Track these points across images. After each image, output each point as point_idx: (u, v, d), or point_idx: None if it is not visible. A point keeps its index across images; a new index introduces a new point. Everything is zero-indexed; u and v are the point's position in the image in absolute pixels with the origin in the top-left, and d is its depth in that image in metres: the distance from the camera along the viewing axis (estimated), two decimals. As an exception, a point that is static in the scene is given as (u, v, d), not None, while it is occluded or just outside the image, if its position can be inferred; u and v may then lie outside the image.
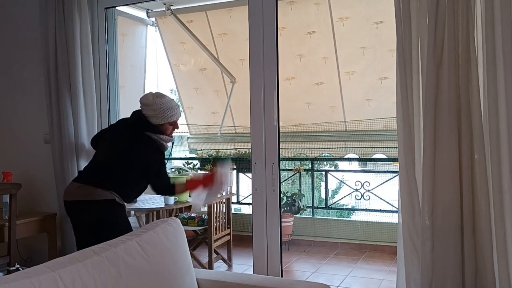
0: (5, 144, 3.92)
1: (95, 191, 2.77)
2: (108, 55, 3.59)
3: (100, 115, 3.57)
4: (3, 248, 3.15)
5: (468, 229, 2.36)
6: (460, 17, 2.35)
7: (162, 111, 2.85)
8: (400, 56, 2.47)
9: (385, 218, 5.83)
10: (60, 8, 3.39)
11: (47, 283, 1.55)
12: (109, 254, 1.81)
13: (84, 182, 2.83)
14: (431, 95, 2.37)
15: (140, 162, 2.82)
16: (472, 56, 2.34)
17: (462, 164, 2.36)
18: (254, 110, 3.04)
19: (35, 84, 3.71)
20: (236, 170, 6.39)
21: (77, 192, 2.81)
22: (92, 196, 2.76)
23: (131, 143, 2.85)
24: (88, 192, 2.77)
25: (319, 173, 7.00)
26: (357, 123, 5.74)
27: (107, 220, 2.76)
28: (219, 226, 4.73)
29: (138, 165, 2.82)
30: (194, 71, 6.50)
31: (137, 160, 2.82)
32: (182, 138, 8.12)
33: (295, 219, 5.78)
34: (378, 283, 4.51)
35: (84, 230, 2.81)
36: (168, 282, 2.00)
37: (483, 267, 2.34)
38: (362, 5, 5.27)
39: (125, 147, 2.85)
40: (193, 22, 5.93)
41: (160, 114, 2.85)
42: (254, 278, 2.51)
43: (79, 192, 2.80)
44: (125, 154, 2.83)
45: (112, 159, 2.87)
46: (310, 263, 5.29)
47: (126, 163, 2.83)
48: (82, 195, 2.78)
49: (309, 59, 5.76)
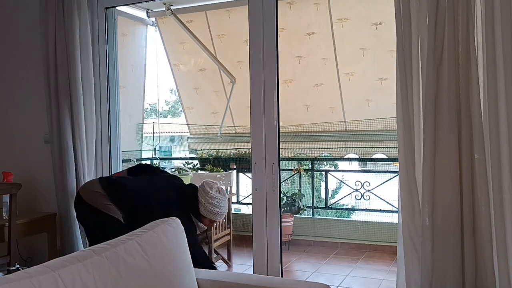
0: (5, 144, 3.92)
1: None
2: (108, 55, 3.59)
3: (100, 115, 3.56)
4: (3, 248, 3.15)
5: (468, 229, 2.36)
6: (460, 17, 2.35)
7: (214, 207, 2.95)
8: (400, 56, 2.47)
9: (385, 218, 5.83)
10: (60, 8, 3.39)
11: (47, 283, 1.55)
12: (109, 254, 1.81)
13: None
14: (431, 95, 2.37)
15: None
16: (472, 56, 2.34)
17: (462, 164, 2.36)
18: (254, 110, 3.04)
19: (35, 84, 3.71)
20: (236, 170, 6.40)
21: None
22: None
23: (178, 214, 2.77)
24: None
25: (319, 173, 7.00)
26: (357, 123, 5.74)
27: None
28: (219, 226, 4.73)
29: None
30: (194, 71, 6.50)
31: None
32: (182, 138, 8.12)
33: (295, 219, 5.78)
34: (378, 283, 4.51)
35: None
36: (168, 282, 2.00)
37: (483, 267, 2.34)
38: (362, 6, 5.27)
39: (169, 211, 2.79)
40: (193, 22, 5.93)
41: (211, 209, 2.95)
42: (254, 278, 2.51)
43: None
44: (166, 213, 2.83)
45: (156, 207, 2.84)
46: (310, 263, 5.30)
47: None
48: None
49: (308, 60, 5.76)
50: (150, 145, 7.05)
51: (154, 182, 3.07)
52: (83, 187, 3.04)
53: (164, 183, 3.08)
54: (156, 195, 2.92)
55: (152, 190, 2.96)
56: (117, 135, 3.65)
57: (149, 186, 2.99)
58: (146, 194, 2.90)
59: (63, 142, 3.42)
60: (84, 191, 2.96)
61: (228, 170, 6.23)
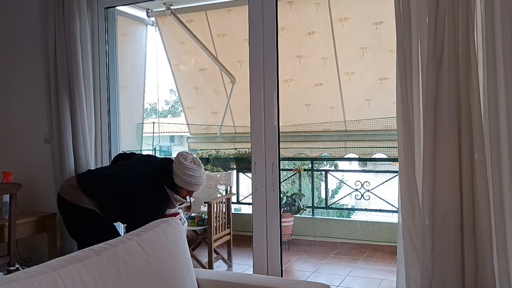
0: (5, 144, 3.92)
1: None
2: (108, 55, 3.59)
3: (100, 115, 3.57)
4: (3, 248, 3.15)
5: (468, 229, 2.36)
6: (460, 17, 2.35)
7: (190, 178, 2.91)
8: (400, 56, 2.47)
9: (385, 218, 5.83)
10: (60, 8, 3.39)
11: (47, 283, 1.55)
12: (109, 254, 1.81)
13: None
14: (431, 95, 2.37)
15: (143, 204, 2.84)
16: (472, 56, 2.34)
17: (462, 164, 2.36)
18: (254, 110, 3.04)
19: (35, 84, 3.71)
20: (236, 170, 6.41)
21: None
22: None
23: (149, 189, 2.89)
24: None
25: (319, 173, 7.00)
26: (357, 123, 5.74)
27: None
28: (219, 226, 4.73)
29: (138, 204, 2.85)
30: (194, 71, 6.50)
31: (141, 201, 2.84)
32: (182, 138, 8.12)
33: (295, 219, 5.79)
34: (378, 283, 4.51)
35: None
36: (168, 282, 2.00)
37: (483, 267, 2.34)
38: (362, 6, 5.27)
39: (139, 189, 2.87)
40: (193, 22, 5.93)
41: (186, 179, 2.91)
42: (254, 278, 2.51)
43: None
44: (135, 192, 2.86)
45: (124, 187, 2.88)
46: (310, 263, 5.30)
47: (131, 198, 2.86)
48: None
49: (308, 60, 5.76)
50: (150, 145, 7.06)
51: (128, 163, 3.08)
52: (61, 184, 3.08)
53: (138, 162, 3.09)
54: (129, 173, 2.95)
55: (124, 170, 2.98)
56: (117, 135, 3.66)
57: (122, 168, 3.02)
58: (117, 174, 2.93)
59: (63, 142, 3.42)
60: (61, 188, 3.01)
61: (228, 170, 6.23)
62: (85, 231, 2.87)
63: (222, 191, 5.74)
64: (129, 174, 2.94)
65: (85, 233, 2.86)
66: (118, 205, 2.86)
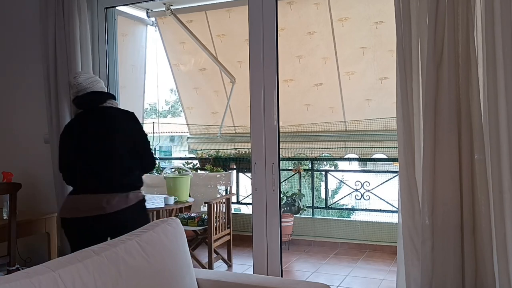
0: (5, 144, 3.92)
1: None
2: (108, 55, 3.59)
3: (100, 115, 3.56)
4: (3, 248, 3.15)
5: (468, 229, 2.36)
6: (460, 17, 2.35)
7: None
8: (400, 56, 2.47)
9: (385, 218, 5.83)
10: (60, 8, 3.39)
11: (47, 283, 1.55)
12: (109, 254, 1.81)
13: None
14: (431, 95, 2.37)
15: (143, 136, 2.86)
16: (472, 56, 2.34)
17: (462, 164, 2.36)
18: (254, 110, 3.04)
19: (35, 84, 3.71)
20: (236, 170, 6.41)
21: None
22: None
23: (133, 119, 2.87)
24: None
25: (319, 173, 7.00)
26: (357, 123, 5.74)
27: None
28: (219, 226, 4.73)
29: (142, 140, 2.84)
30: (194, 71, 6.50)
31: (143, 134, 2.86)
32: (182, 138, 8.13)
33: (295, 219, 5.79)
34: (378, 283, 4.51)
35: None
36: (168, 282, 2.00)
37: (483, 267, 2.34)
38: (362, 6, 5.27)
39: (132, 125, 2.84)
40: (193, 22, 5.93)
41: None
42: (254, 278, 2.51)
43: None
44: (134, 132, 2.83)
45: (126, 147, 2.79)
46: (310, 263, 5.30)
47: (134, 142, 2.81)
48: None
49: (308, 59, 5.76)
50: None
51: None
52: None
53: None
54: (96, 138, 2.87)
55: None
56: (117, 135, 3.65)
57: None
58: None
59: (63, 142, 3.41)
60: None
61: (228, 170, 6.23)
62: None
63: (222, 191, 5.75)
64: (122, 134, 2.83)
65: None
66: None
